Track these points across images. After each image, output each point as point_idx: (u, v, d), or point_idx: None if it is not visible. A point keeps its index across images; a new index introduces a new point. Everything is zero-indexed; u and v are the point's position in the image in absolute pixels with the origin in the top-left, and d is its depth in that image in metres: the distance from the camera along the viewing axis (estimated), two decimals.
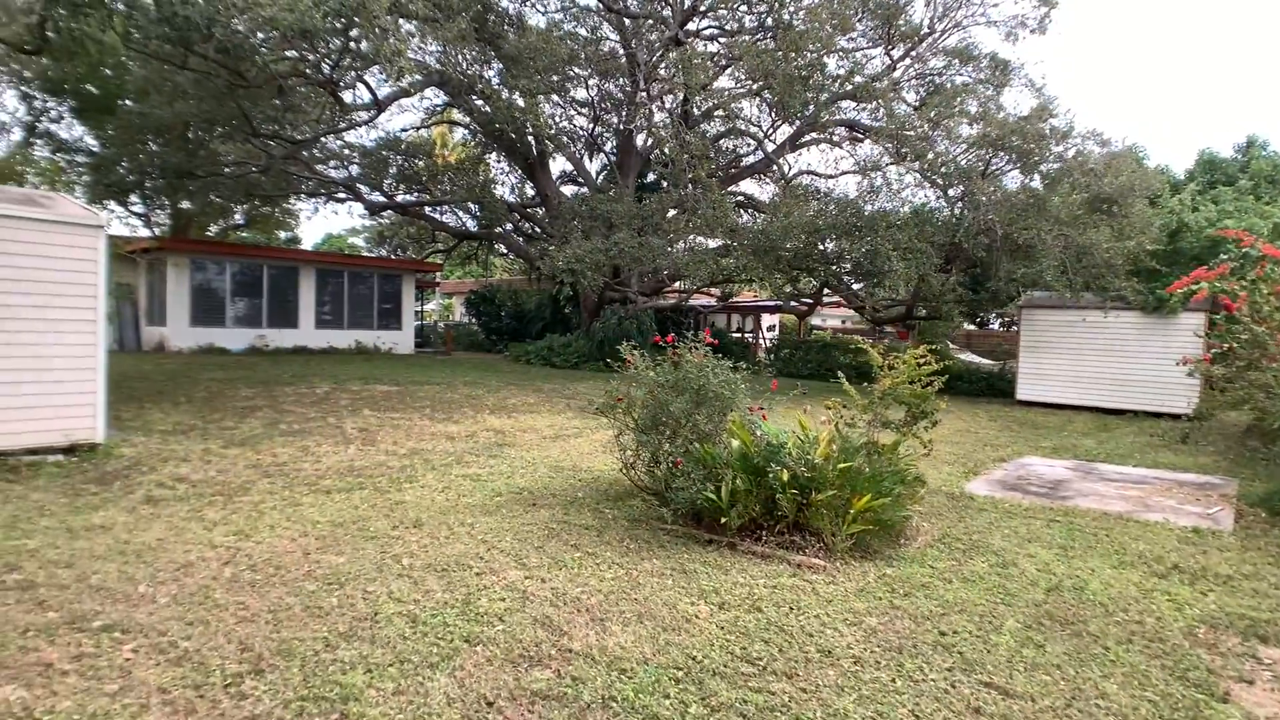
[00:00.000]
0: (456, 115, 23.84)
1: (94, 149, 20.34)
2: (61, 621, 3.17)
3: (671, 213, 18.33)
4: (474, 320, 29.46)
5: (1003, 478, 7.98)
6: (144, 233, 25.67)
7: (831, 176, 20.52)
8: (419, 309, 31.21)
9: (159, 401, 9.93)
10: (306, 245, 40.35)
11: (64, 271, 6.15)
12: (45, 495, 5.28)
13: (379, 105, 14.68)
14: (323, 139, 16.98)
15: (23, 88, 22.20)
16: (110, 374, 13.36)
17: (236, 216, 31.56)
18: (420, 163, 22.68)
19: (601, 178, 24.19)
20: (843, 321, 48.41)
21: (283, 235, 36.16)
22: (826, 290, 17.50)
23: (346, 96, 13.68)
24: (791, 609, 3.74)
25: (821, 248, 14.77)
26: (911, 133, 16.82)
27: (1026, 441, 10.63)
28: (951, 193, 16.41)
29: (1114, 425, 12.73)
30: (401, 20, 11.33)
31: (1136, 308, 14.24)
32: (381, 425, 9.01)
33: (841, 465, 4.98)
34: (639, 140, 22.98)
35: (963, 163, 16.37)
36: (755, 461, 5.00)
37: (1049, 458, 9.23)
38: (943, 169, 15.77)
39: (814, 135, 20.66)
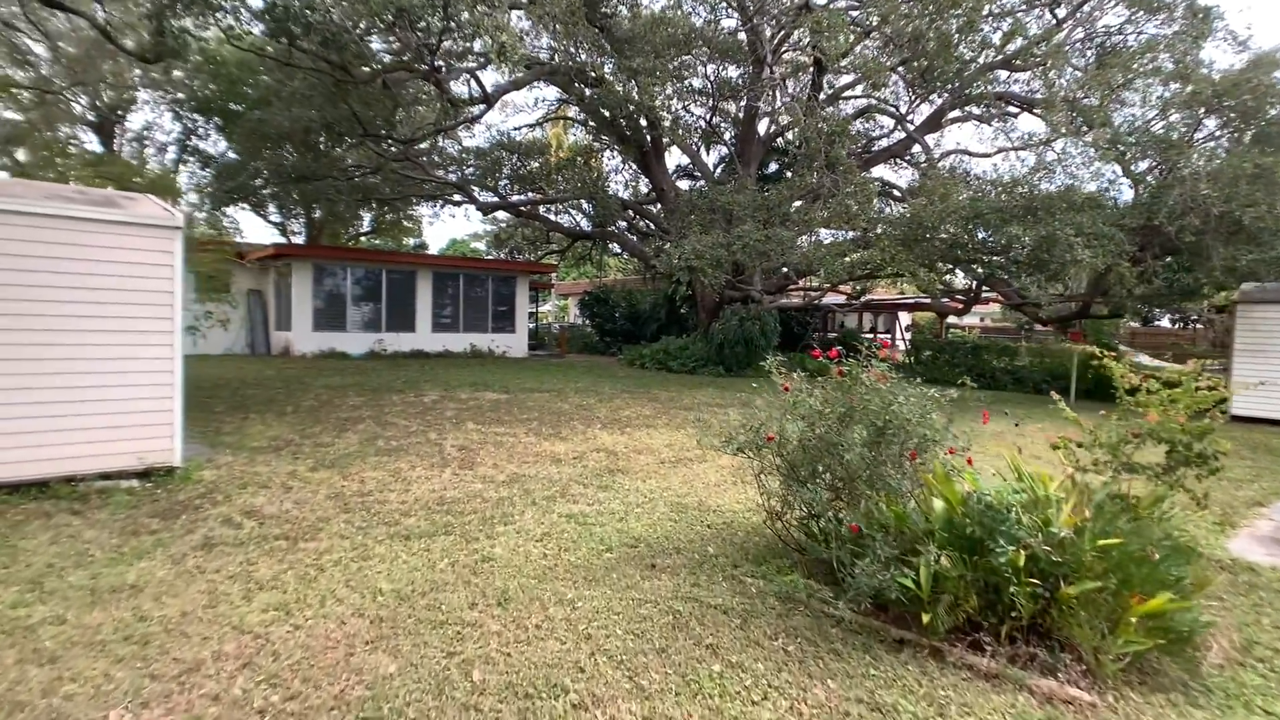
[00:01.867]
0: (572, 114, 23.28)
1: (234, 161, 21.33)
2: None
3: (797, 203, 16.65)
4: (587, 322, 28.87)
5: (1276, 533, 5.89)
6: (280, 241, 26.95)
7: (985, 156, 18.01)
8: (534, 311, 31.08)
9: (265, 412, 9.58)
10: (432, 250, 41.59)
11: (137, 278, 5.55)
12: (98, 534, 4.61)
13: (488, 99, 14.05)
14: (436, 140, 16.70)
15: (175, 108, 23.77)
16: (231, 380, 13.60)
17: (364, 224, 32.79)
18: (535, 164, 22.24)
19: (720, 170, 22.77)
20: (981, 319, 44.18)
21: (411, 242, 37.35)
22: (985, 286, 15.15)
23: (456, 89, 13.11)
24: None
25: (983, 236, 12.61)
26: (1086, 100, 14.23)
27: (1276, 475, 8.22)
28: (1140, 167, 13.68)
29: None
30: None
31: None
32: (483, 442, 8.11)
33: (1102, 542, 3.36)
34: (761, 127, 21.38)
35: (1156, 129, 13.61)
36: (969, 531, 3.47)
37: None
38: (1130, 139, 13.12)
39: (961, 111, 18.25)
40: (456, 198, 21.12)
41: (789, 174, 20.15)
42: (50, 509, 5.09)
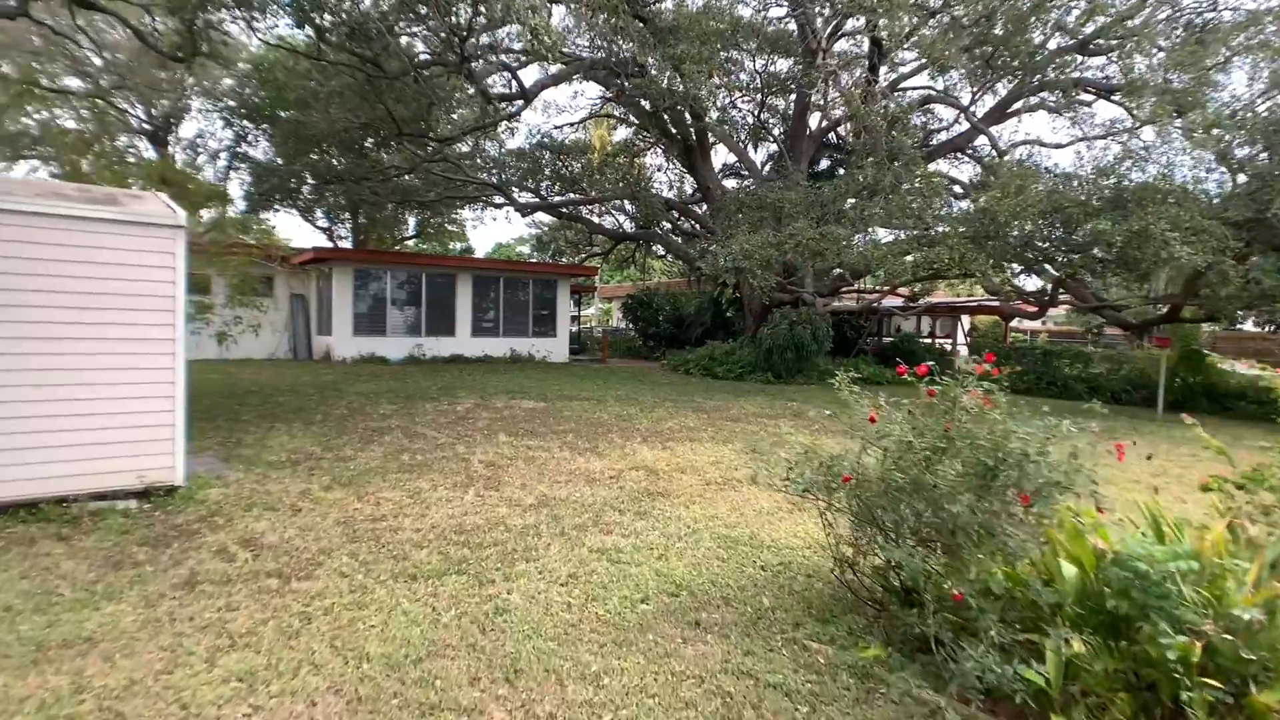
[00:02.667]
0: (617, 114, 22.71)
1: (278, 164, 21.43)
2: None
3: (850, 201, 15.68)
4: (630, 326, 28.25)
5: None
6: (324, 245, 27.09)
7: (1059, 147, 16.71)
8: (576, 315, 30.63)
9: (292, 421, 9.18)
10: (477, 255, 41.58)
11: (135, 280, 5.10)
12: (76, 566, 4.13)
13: (526, 95, 13.52)
14: (478, 141, 16.29)
15: (226, 115, 24.06)
16: (265, 386, 13.34)
17: (409, 228, 32.88)
18: (577, 165, 21.74)
19: (768, 169, 21.88)
20: (1043, 323, 42.00)
21: (457, 247, 37.39)
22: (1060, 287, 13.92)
23: (495, 87, 12.62)
24: None
25: (1061, 233, 11.46)
26: (1176, 82, 12.93)
27: None
28: (1244, 153, 12.31)
29: None
30: None
31: None
32: (514, 458, 7.50)
33: None
34: (811, 122, 20.43)
35: (1261, 110, 12.24)
36: (1111, 606, 2.65)
37: None
38: (1233, 122, 11.80)
39: (1032, 100, 16.98)
40: (498, 199, 20.74)
41: (840, 171, 19.16)
42: (37, 534, 4.65)
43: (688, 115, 15.84)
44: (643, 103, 15.30)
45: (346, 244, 29.18)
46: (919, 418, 3.43)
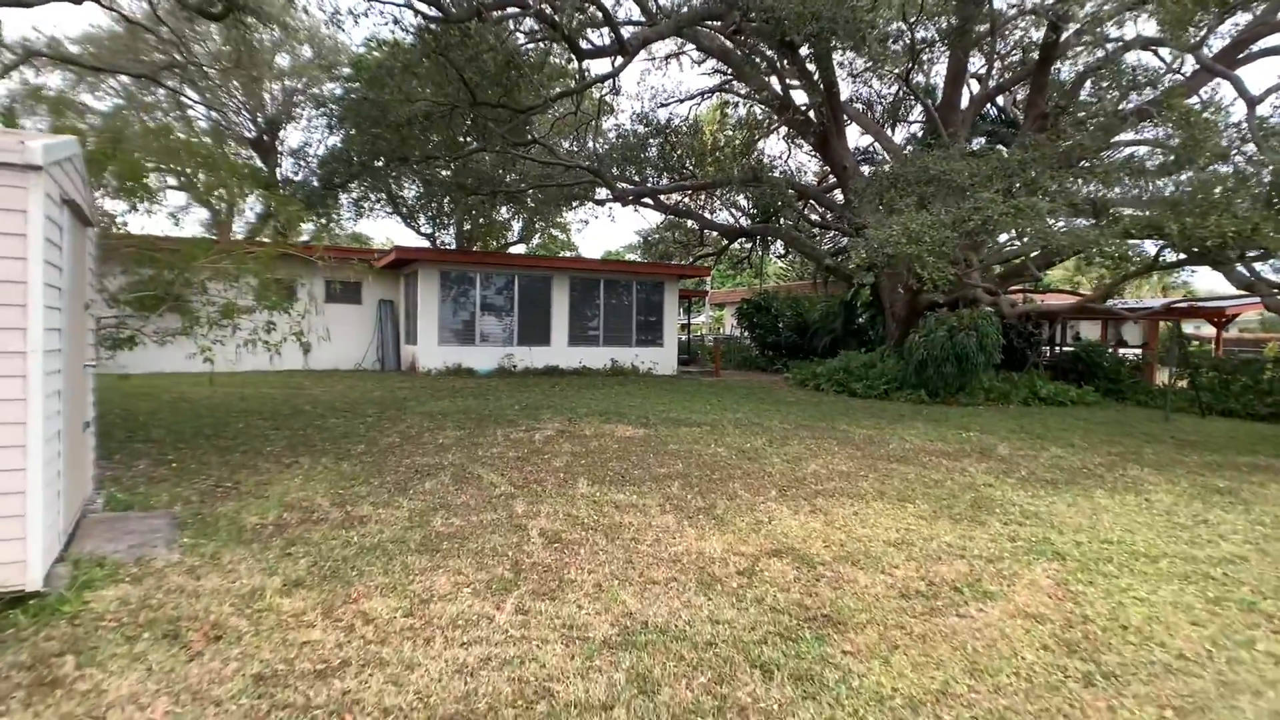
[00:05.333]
0: (737, 95, 20.04)
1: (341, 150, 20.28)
2: None
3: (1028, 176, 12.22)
4: (745, 334, 25.39)
5: None
6: (407, 245, 26.12)
7: None
8: (685, 322, 28.11)
9: (322, 455, 7.21)
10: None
11: None
12: None
13: (624, 49, 11.13)
14: (565, 112, 14.12)
15: (328, 116, 23.46)
16: (322, 404, 11.38)
17: (513, 234, 31.64)
18: (686, 150, 19.23)
19: (909, 151, 18.51)
20: (1224, 327, 35.11)
21: (566, 255, 35.97)
22: None
23: (587, 42, 10.37)
24: None
25: None
26: None
27: None
28: None
29: None
30: None
31: None
32: (592, 526, 5.06)
33: None
34: (965, 92, 16.92)
35: None
36: None
37: None
38: None
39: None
40: (599, 194, 18.60)
41: (1000, 147, 15.56)
42: None
43: (817, 75, 12.98)
44: (765, 48, 12.40)
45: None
46: None
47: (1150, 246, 10.36)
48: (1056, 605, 3.93)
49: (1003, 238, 12.49)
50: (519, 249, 32.03)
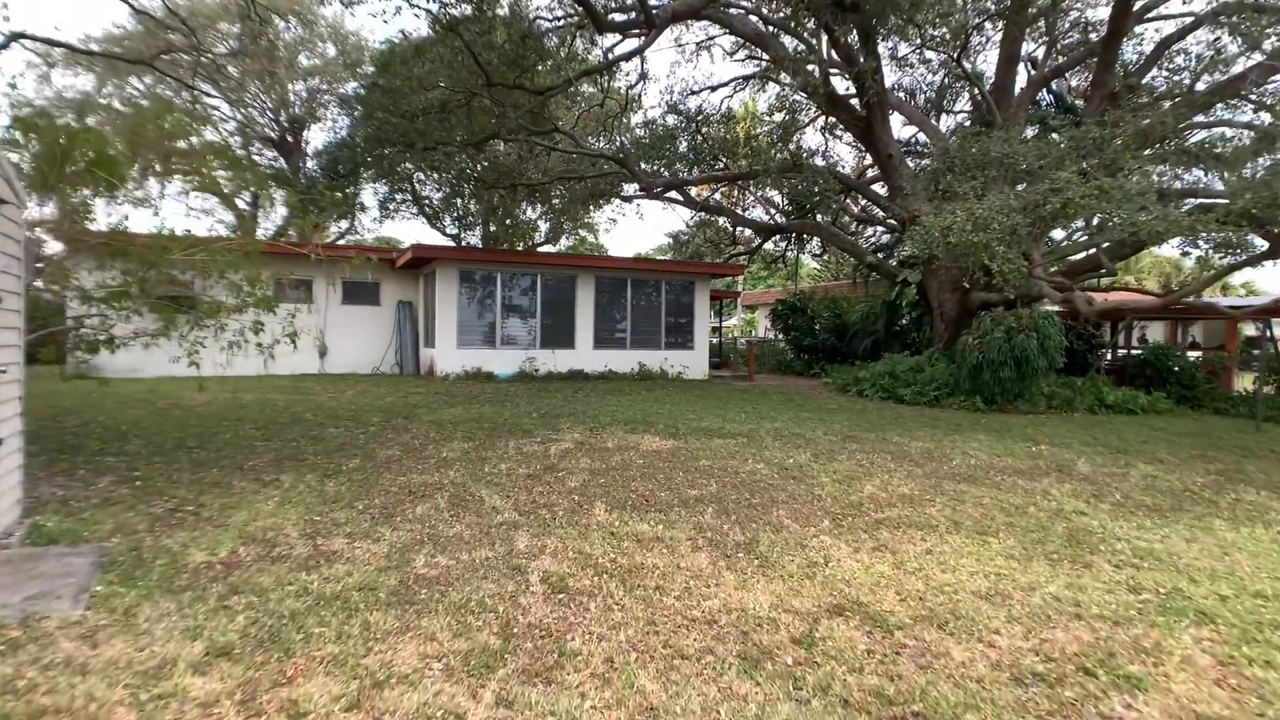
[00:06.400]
0: (773, 83, 19.00)
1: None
2: None
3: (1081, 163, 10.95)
4: (780, 336, 24.23)
5: None
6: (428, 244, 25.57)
7: None
8: (716, 324, 27.04)
9: (309, 470, 6.40)
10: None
11: None
12: None
13: (650, 19, 10.17)
14: (584, 101, 13.23)
15: (349, 114, 22.97)
16: (325, 411, 10.27)
17: (540, 234, 30.93)
18: (716, 145, 18.22)
19: (954, 141, 17.27)
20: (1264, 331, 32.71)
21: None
22: None
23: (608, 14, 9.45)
24: None
25: None
26: None
27: None
28: None
29: None
30: None
31: None
32: (606, 569, 4.12)
33: None
34: (1020, 75, 15.64)
35: None
36: None
37: None
38: None
39: None
40: (626, 189, 17.67)
41: (1055, 136, 14.26)
42: None
43: (861, 57, 11.90)
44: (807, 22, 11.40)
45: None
46: None
47: (1258, 239, 9.07)
48: (1234, 699, 2.88)
49: (1070, 226, 11.23)
50: (546, 251, 31.31)
